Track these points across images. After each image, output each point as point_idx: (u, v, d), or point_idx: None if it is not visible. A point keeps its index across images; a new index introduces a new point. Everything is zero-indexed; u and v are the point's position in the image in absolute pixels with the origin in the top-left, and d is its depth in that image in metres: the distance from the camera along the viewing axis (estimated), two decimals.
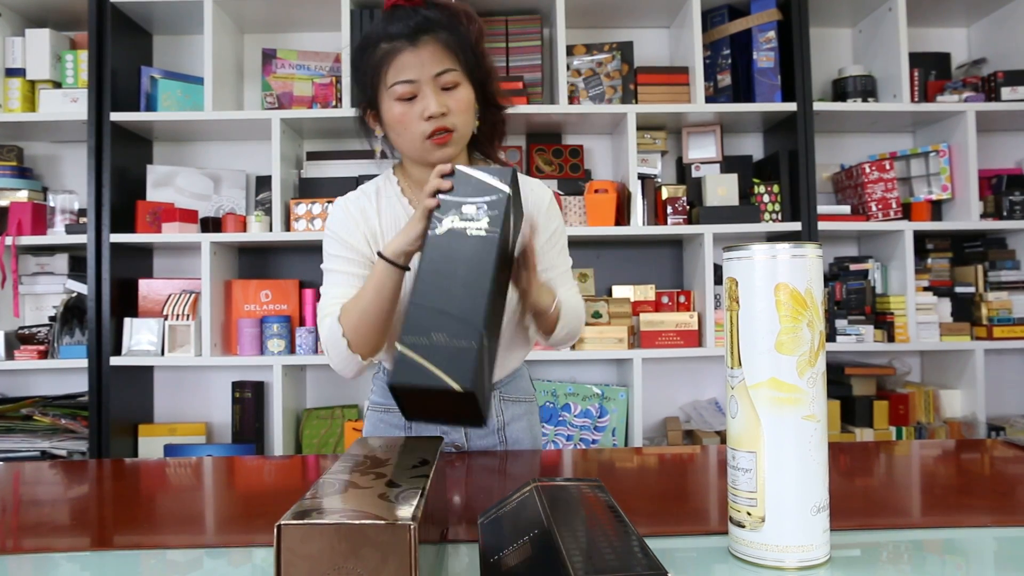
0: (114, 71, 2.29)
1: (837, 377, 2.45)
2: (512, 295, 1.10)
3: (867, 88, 2.47)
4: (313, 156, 2.47)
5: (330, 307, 1.04)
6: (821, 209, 2.41)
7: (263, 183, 2.51)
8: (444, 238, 0.84)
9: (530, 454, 1.16)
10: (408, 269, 0.97)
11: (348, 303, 1.01)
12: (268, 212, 2.40)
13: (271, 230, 2.34)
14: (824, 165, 2.63)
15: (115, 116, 2.28)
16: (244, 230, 2.35)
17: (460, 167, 0.89)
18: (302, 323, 2.43)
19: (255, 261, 2.59)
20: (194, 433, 2.40)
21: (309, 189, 2.43)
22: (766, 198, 2.43)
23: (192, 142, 2.59)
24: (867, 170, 2.44)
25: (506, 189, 0.86)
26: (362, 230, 1.08)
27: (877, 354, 2.55)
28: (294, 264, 2.55)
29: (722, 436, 2.33)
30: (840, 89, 2.51)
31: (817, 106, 2.38)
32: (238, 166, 2.58)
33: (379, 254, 0.97)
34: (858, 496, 0.85)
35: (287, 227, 2.34)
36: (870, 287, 2.43)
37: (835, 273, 2.52)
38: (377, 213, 1.10)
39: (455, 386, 0.74)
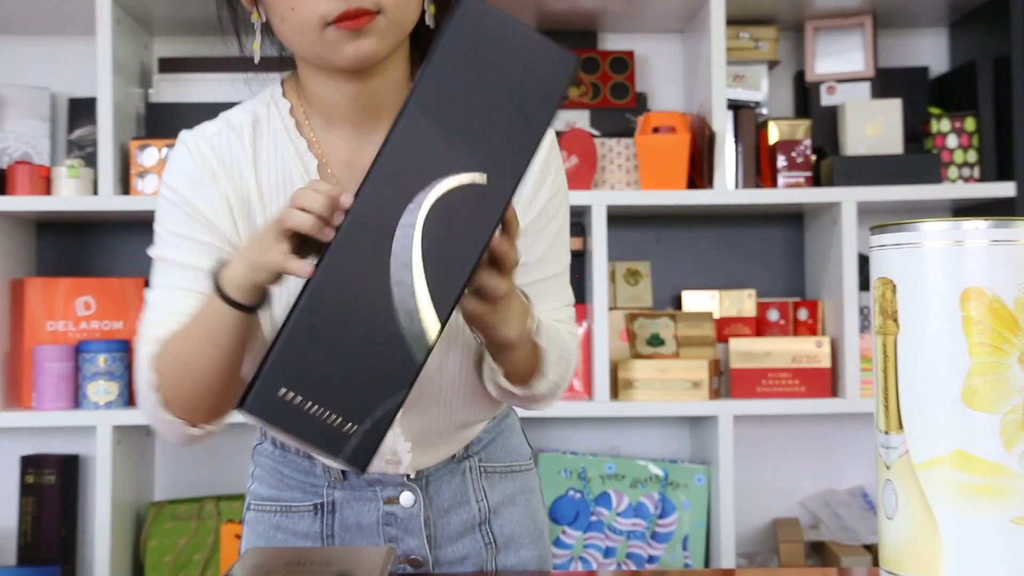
0: None
1: None
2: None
3: None
4: (170, 66, 2.29)
5: (153, 328, 1.00)
6: None
7: (81, 110, 2.32)
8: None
9: None
10: (259, 309, 0.90)
11: (172, 339, 0.96)
12: (91, 162, 2.21)
13: (96, 192, 2.18)
14: None
15: None
16: (48, 192, 2.19)
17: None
18: None
19: (67, 246, 2.42)
20: None
21: (162, 122, 2.23)
22: (952, 141, 2.23)
23: None
24: None
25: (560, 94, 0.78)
26: (223, 190, 1.03)
27: None
28: (136, 251, 2.24)
29: (874, 552, 2.15)
30: None
31: None
32: (37, 80, 2.38)
33: (214, 278, 0.89)
34: None
35: (125, 188, 2.18)
36: None
37: None
38: (252, 160, 1.05)
39: (343, 465, 0.85)
